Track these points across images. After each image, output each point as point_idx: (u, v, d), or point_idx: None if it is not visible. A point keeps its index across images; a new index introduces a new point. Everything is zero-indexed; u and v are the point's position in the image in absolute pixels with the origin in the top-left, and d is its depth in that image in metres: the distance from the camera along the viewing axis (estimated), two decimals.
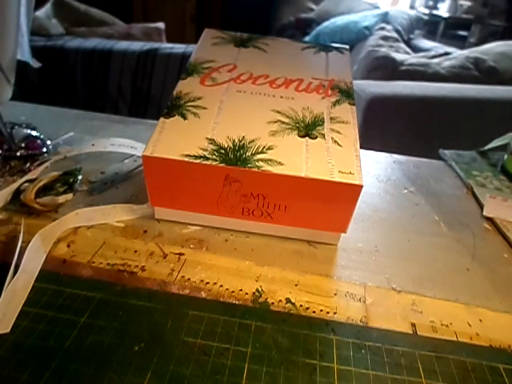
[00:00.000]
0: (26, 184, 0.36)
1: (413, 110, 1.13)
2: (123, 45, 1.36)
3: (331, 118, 0.35)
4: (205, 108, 0.35)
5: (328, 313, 0.28)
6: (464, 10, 3.22)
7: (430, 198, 0.44)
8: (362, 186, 0.29)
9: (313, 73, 0.41)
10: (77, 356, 0.23)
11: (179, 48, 1.34)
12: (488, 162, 0.53)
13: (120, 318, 0.25)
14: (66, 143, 0.46)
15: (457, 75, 1.28)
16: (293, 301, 0.28)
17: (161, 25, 1.76)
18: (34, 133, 0.45)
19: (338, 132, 0.34)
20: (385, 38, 1.59)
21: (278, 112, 0.35)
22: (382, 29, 1.70)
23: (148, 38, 1.64)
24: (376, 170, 0.49)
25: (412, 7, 3.33)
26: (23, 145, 0.43)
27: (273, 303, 0.28)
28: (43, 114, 0.54)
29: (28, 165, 0.41)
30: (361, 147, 0.33)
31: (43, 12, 1.54)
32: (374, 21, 1.79)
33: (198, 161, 0.30)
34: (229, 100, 0.36)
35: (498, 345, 0.27)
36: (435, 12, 3.33)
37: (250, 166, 0.30)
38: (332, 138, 0.33)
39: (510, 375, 0.25)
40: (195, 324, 0.26)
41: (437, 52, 1.60)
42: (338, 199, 0.31)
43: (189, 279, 0.29)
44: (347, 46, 0.46)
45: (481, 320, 0.29)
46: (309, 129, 0.34)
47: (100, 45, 1.35)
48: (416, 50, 1.77)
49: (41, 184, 0.35)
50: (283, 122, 0.34)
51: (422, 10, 3.29)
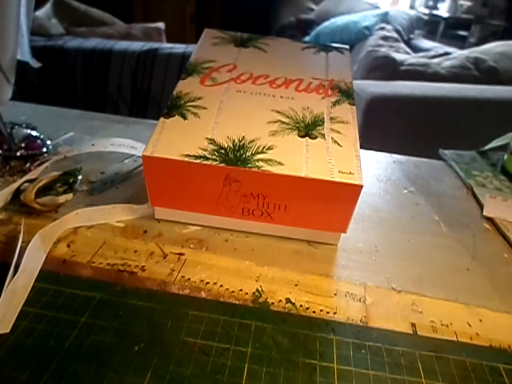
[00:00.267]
0: (26, 184, 0.36)
1: (413, 110, 1.13)
2: (123, 45, 1.36)
3: (331, 118, 0.35)
4: (205, 108, 0.35)
5: (328, 313, 0.28)
6: (464, 10, 3.22)
7: (429, 198, 0.44)
8: (361, 186, 0.29)
9: (313, 73, 0.41)
10: (77, 356, 0.23)
11: (179, 48, 1.34)
12: (488, 162, 0.53)
13: (120, 318, 0.25)
14: (66, 143, 0.46)
15: (457, 75, 1.28)
16: (293, 301, 0.28)
17: (161, 25, 1.76)
18: (34, 133, 0.45)
19: (338, 132, 0.34)
20: (385, 38, 1.59)
21: (278, 112, 0.35)
22: (382, 29, 1.70)
23: (148, 38, 1.64)
24: (376, 170, 0.49)
25: (412, 7, 3.33)
26: (23, 145, 0.43)
27: (273, 303, 0.28)
28: (43, 114, 0.54)
29: (28, 165, 0.41)
30: (361, 147, 0.33)
31: (43, 12, 1.54)
32: (374, 21, 1.79)
33: (197, 161, 0.30)
34: (229, 100, 0.36)
35: (497, 345, 0.27)
36: (435, 12, 3.34)
37: (250, 165, 0.30)
38: (332, 138, 0.33)
39: (510, 375, 0.25)
40: (195, 324, 0.26)
41: (437, 52, 1.60)
42: (337, 199, 0.31)
43: (189, 279, 0.29)
44: (347, 46, 0.46)
45: (481, 320, 0.29)
46: (309, 129, 0.34)
47: (100, 45, 1.36)
48: (416, 50, 1.77)
49: (41, 184, 0.35)
50: (283, 122, 0.34)
51: (422, 9, 3.30)
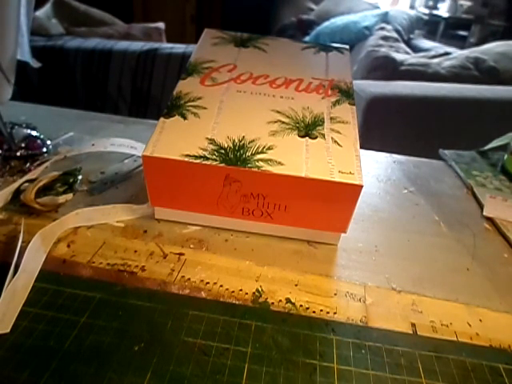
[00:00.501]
0: (26, 184, 0.36)
1: (413, 110, 1.13)
2: (123, 45, 1.36)
3: (331, 118, 0.35)
4: (205, 108, 0.35)
5: (328, 313, 0.28)
6: (464, 10, 3.22)
7: (429, 198, 0.44)
8: (362, 186, 0.29)
9: (313, 73, 0.41)
10: (77, 356, 0.23)
11: (179, 48, 1.34)
12: (488, 162, 0.53)
13: (120, 318, 0.25)
14: (66, 143, 0.46)
15: (457, 75, 1.28)
16: (293, 301, 0.28)
17: (161, 25, 1.76)
18: (34, 133, 0.45)
19: (338, 132, 0.34)
20: (385, 38, 1.58)
21: (277, 112, 0.35)
22: (382, 29, 1.69)
23: (148, 37, 1.64)
24: (376, 170, 0.49)
25: (412, 7, 3.34)
26: (23, 145, 0.43)
27: (273, 303, 0.28)
28: (43, 114, 0.54)
29: (28, 165, 0.41)
30: (361, 147, 0.33)
31: (43, 12, 1.54)
32: (373, 21, 1.79)
33: (197, 161, 0.30)
34: (229, 100, 0.36)
35: (497, 345, 0.27)
36: (435, 12, 3.34)
37: (250, 166, 0.30)
38: (332, 138, 0.33)
39: (510, 375, 0.25)
40: (195, 324, 0.26)
41: (437, 52, 1.60)
42: (337, 199, 0.31)
43: (189, 279, 0.29)
44: (347, 46, 0.46)
45: (481, 320, 0.29)
46: (309, 129, 0.34)
47: (100, 45, 1.35)
48: (416, 50, 1.77)
49: (41, 184, 0.35)
50: (283, 122, 0.34)
51: (422, 9, 3.30)
